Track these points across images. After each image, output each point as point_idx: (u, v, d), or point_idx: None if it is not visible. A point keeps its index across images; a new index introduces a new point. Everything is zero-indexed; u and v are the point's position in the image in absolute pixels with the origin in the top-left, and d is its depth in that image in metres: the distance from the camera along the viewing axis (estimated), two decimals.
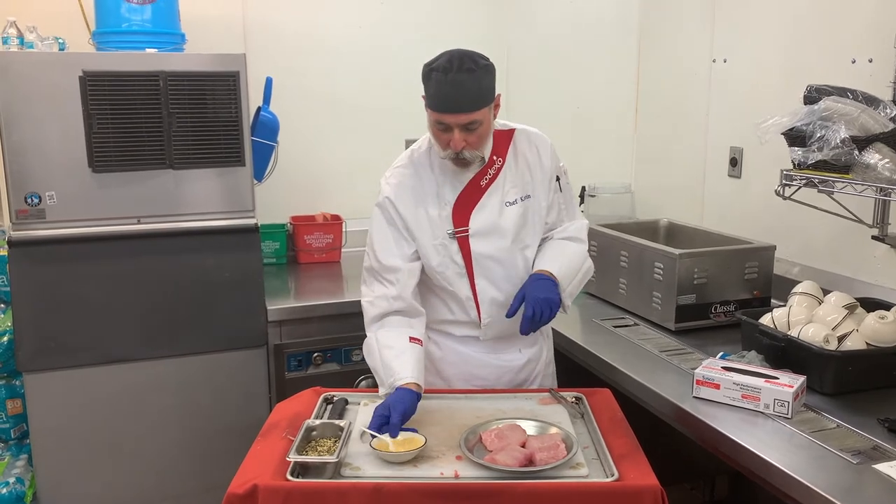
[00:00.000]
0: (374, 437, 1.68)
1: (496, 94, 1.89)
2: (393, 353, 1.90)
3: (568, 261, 2.01)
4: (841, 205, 2.31)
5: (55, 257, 2.42)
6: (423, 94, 1.87)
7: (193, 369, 2.59)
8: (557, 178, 2.07)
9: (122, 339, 2.50)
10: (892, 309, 2.04)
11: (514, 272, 2.00)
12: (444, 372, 2.11)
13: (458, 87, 1.78)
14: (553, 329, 2.37)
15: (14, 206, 2.37)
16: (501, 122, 2.03)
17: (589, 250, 2.15)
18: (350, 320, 2.72)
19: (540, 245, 2.08)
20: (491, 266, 1.98)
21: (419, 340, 1.94)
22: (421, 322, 2.01)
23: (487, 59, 1.85)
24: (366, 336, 2.00)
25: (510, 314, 1.89)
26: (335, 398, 1.94)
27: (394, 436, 1.67)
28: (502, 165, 2.00)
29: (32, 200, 2.39)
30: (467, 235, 1.96)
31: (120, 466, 2.56)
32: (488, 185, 1.98)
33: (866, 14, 2.39)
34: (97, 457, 2.53)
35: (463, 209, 1.97)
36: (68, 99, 2.35)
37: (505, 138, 2.02)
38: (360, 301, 2.65)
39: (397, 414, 1.71)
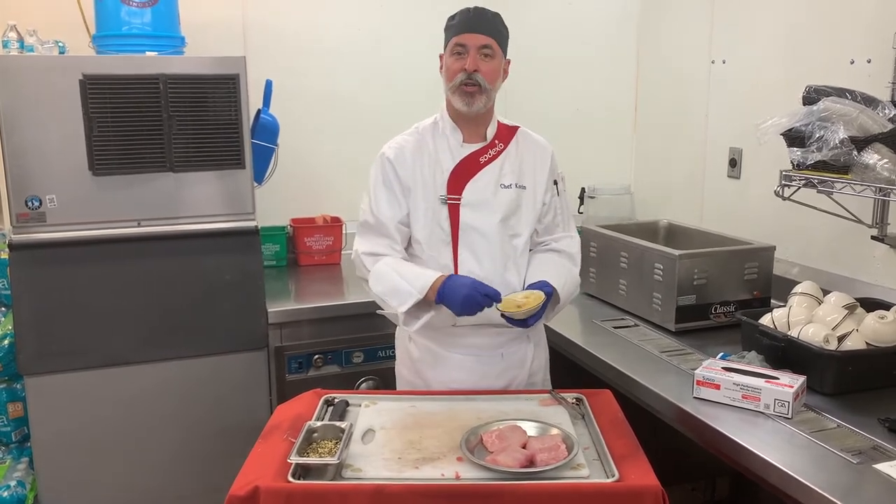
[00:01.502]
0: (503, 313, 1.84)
1: (506, 58, 2.03)
2: (414, 266, 1.97)
3: (569, 291, 2.03)
4: (840, 205, 2.32)
5: (56, 260, 2.42)
6: (443, 49, 2.00)
7: (194, 372, 2.59)
8: (556, 183, 2.11)
9: (123, 341, 2.50)
10: (892, 309, 2.04)
11: (499, 252, 2.02)
12: (422, 373, 2.11)
13: (481, 14, 1.97)
14: (553, 329, 2.37)
15: (14, 209, 2.37)
16: (507, 119, 2.10)
17: (589, 251, 2.16)
18: (351, 322, 2.73)
19: (544, 250, 2.10)
20: (476, 239, 2.00)
21: None
22: None
23: None
24: (366, 335, 2.00)
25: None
26: (336, 400, 1.94)
27: (499, 300, 1.84)
28: (503, 150, 2.05)
29: (33, 203, 2.39)
30: (458, 204, 1.99)
31: (121, 469, 2.56)
32: (487, 162, 2.03)
33: (865, 15, 2.39)
34: (98, 460, 2.53)
35: (459, 179, 2.00)
36: (68, 102, 2.35)
37: (509, 131, 2.09)
38: (357, 301, 2.69)
39: (479, 283, 1.85)
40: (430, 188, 2.01)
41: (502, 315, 1.87)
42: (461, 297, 1.84)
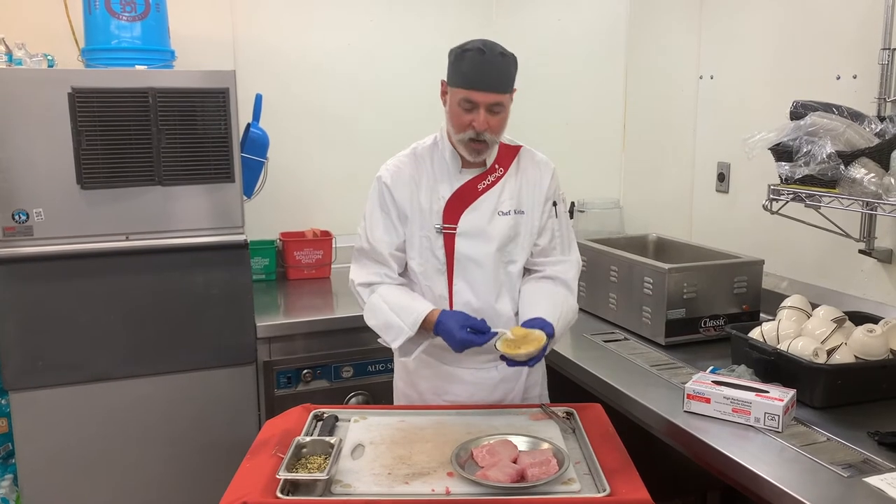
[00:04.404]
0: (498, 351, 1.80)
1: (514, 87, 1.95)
2: (406, 298, 1.94)
3: (565, 322, 1.98)
4: (828, 219, 2.33)
5: (43, 274, 2.40)
6: (446, 78, 1.92)
7: (182, 387, 2.57)
8: (554, 203, 2.07)
9: (111, 356, 2.48)
10: (880, 322, 2.05)
11: (495, 281, 1.99)
12: (418, 385, 2.10)
13: (492, 67, 1.86)
14: None
15: (1, 223, 2.36)
16: (509, 137, 2.05)
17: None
18: (340, 337, 2.72)
19: (534, 275, 2.06)
20: (471, 269, 1.98)
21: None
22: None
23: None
24: (355, 350, 1.98)
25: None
26: (325, 415, 1.92)
27: (490, 338, 1.80)
28: (502, 175, 2.01)
29: (20, 217, 2.37)
30: (454, 234, 1.97)
31: (108, 485, 2.53)
32: (485, 190, 1.99)
33: (851, 31, 2.42)
34: (84, 476, 2.50)
35: (455, 208, 1.97)
36: (57, 115, 2.34)
37: (510, 152, 2.04)
38: (346, 316, 2.68)
39: (472, 320, 1.82)
40: (426, 216, 1.98)
41: (501, 357, 1.81)
42: (457, 342, 1.81)
